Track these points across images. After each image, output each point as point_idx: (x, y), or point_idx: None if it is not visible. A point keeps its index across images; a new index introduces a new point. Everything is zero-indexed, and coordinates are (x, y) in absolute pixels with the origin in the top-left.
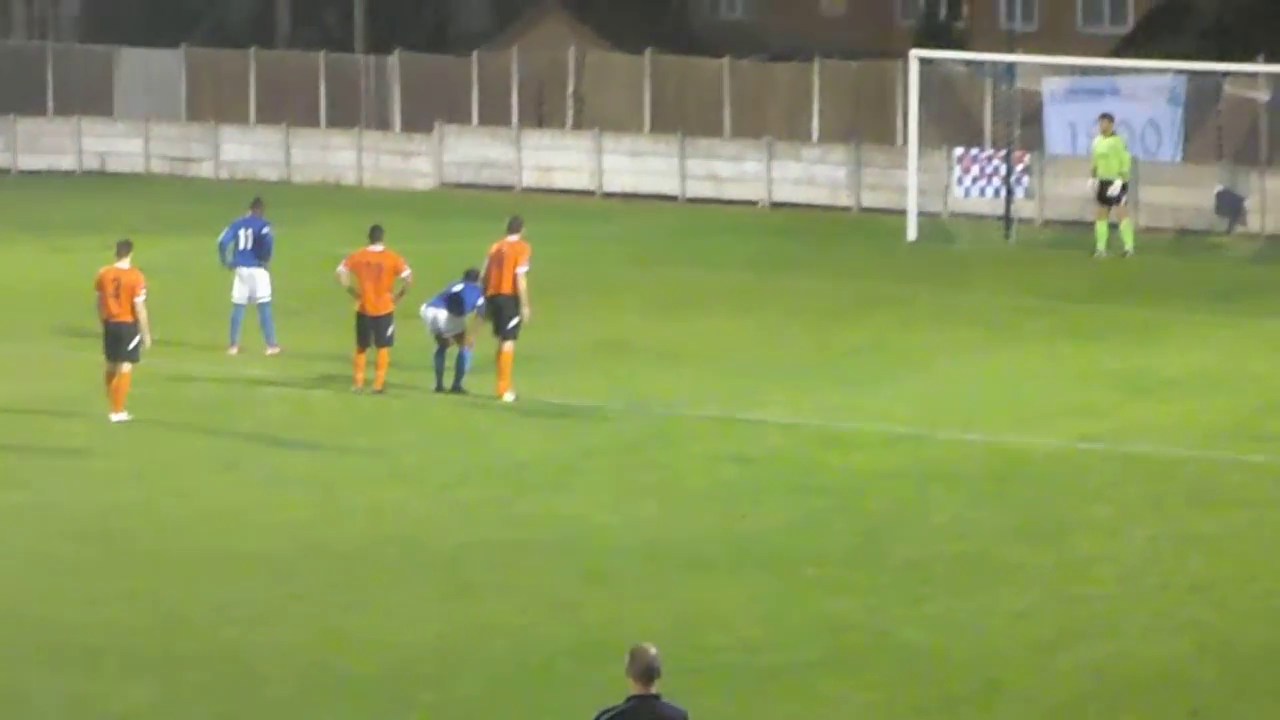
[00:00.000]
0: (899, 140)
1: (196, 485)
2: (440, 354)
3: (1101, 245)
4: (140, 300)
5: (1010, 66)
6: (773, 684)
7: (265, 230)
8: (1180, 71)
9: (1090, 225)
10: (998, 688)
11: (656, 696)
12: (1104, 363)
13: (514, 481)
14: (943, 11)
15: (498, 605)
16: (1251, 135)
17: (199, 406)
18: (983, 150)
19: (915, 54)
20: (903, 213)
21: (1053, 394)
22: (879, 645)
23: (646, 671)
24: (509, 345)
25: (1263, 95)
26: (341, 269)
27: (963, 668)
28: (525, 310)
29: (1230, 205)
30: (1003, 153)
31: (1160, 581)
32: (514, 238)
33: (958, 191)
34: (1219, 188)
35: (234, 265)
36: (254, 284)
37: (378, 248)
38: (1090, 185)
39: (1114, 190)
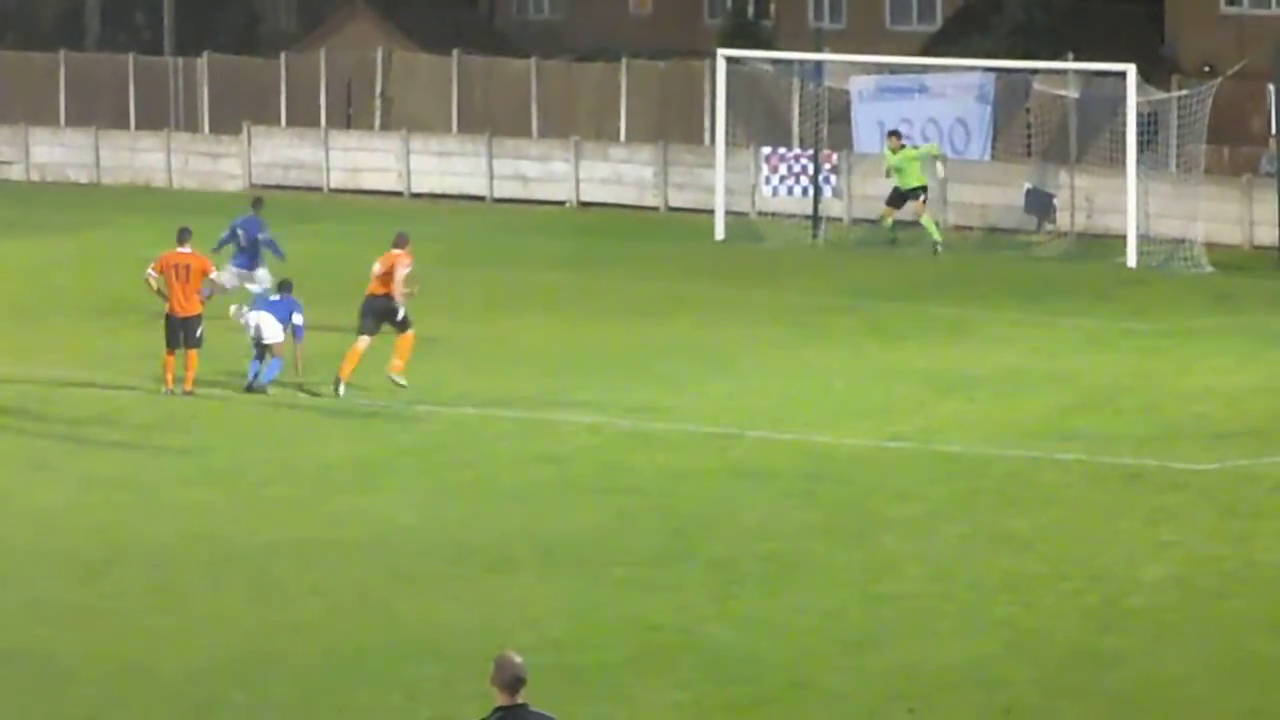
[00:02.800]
0: (706, 140)
1: (7, 486)
2: (259, 359)
3: (937, 236)
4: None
5: (818, 65)
6: (581, 684)
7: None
8: (989, 69)
9: (915, 224)
10: (807, 687)
11: (524, 705)
12: (913, 361)
13: (323, 481)
14: (750, 10)
15: (307, 605)
16: (1060, 133)
17: (8, 408)
18: (790, 149)
19: (722, 53)
20: (710, 212)
21: (861, 393)
22: (688, 644)
23: (513, 681)
24: (409, 332)
25: (1072, 93)
26: (150, 271)
27: (772, 667)
28: (404, 290)
29: (1039, 203)
30: (810, 152)
31: (970, 580)
32: (398, 251)
33: (765, 191)
34: (1028, 186)
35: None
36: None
37: (186, 249)
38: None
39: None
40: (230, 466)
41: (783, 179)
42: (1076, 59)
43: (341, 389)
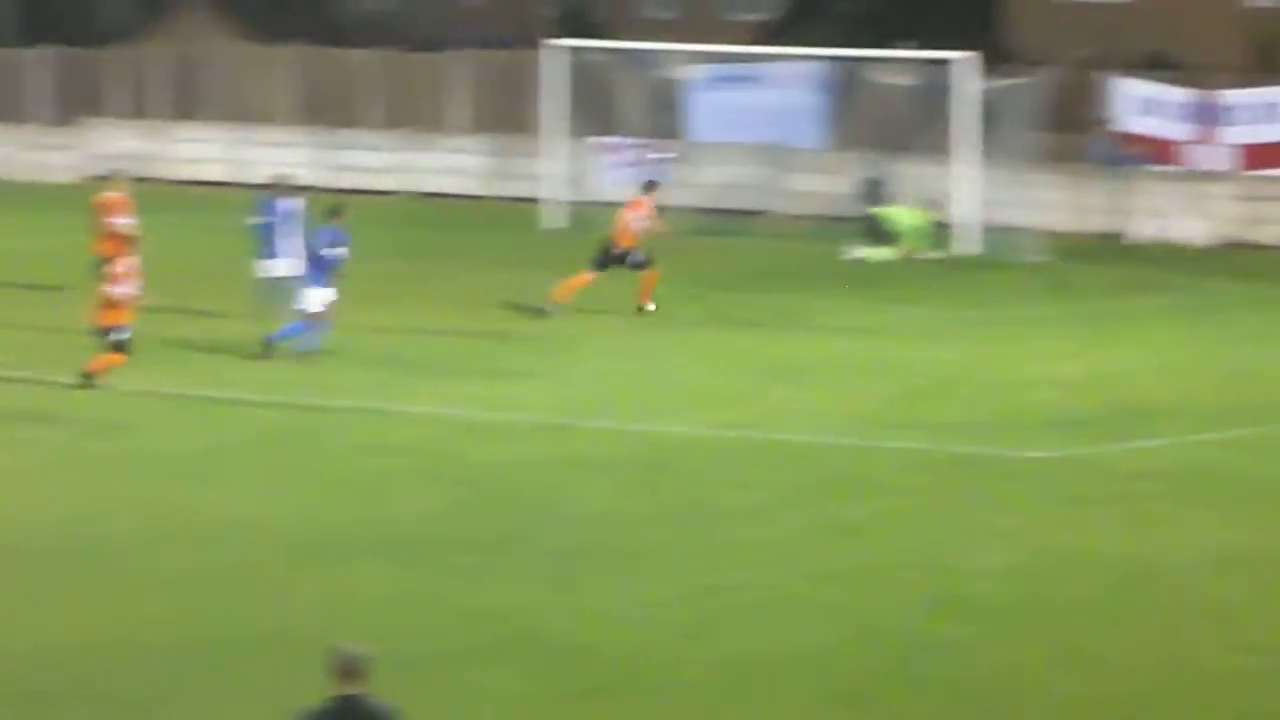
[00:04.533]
0: (539, 129)
1: None
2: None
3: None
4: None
5: (652, 54)
6: (417, 674)
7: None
8: (825, 58)
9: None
10: (645, 676)
11: (362, 695)
12: (751, 350)
13: (159, 472)
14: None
15: (148, 596)
16: (897, 122)
17: None
18: (624, 139)
19: (554, 43)
20: (542, 201)
21: (700, 381)
22: (524, 635)
23: (351, 670)
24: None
25: (909, 81)
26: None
27: (608, 657)
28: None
29: (875, 192)
30: (644, 141)
31: (808, 569)
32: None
33: (600, 180)
34: (865, 175)
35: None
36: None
37: None
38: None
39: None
40: (64, 457)
41: (617, 168)
42: (913, 48)
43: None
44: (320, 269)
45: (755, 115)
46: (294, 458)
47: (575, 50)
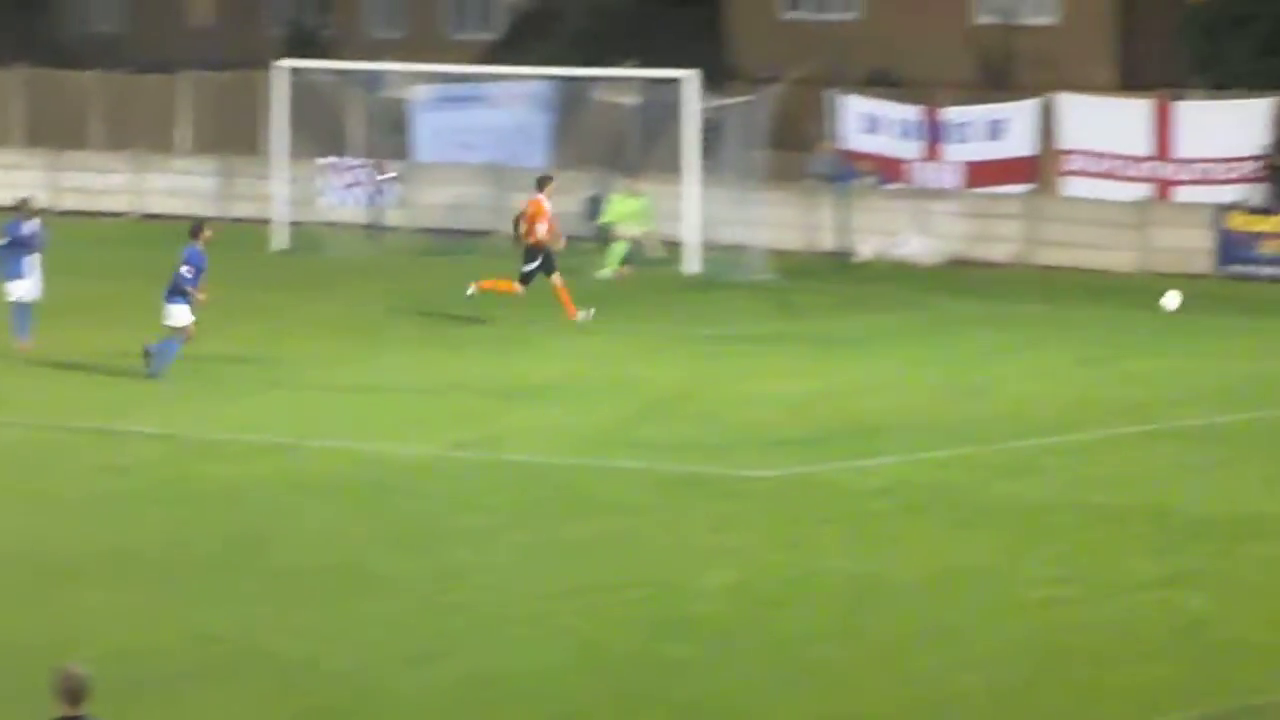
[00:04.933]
0: (267, 150)
1: None
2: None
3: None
4: None
5: (378, 74)
6: (141, 695)
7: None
8: (549, 78)
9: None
10: (372, 696)
11: (85, 717)
12: (477, 370)
13: None
14: (310, 20)
15: None
16: (623, 141)
17: None
18: (351, 159)
19: (282, 63)
20: (271, 223)
21: (426, 402)
22: (249, 655)
23: (74, 691)
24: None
25: (634, 100)
26: None
27: (335, 678)
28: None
29: (597, 210)
30: (371, 161)
31: (535, 589)
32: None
33: (327, 200)
34: (589, 194)
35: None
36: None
37: None
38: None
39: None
40: None
41: (344, 189)
42: (638, 66)
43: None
44: (177, 287)
45: (480, 135)
46: (20, 477)
47: (302, 71)
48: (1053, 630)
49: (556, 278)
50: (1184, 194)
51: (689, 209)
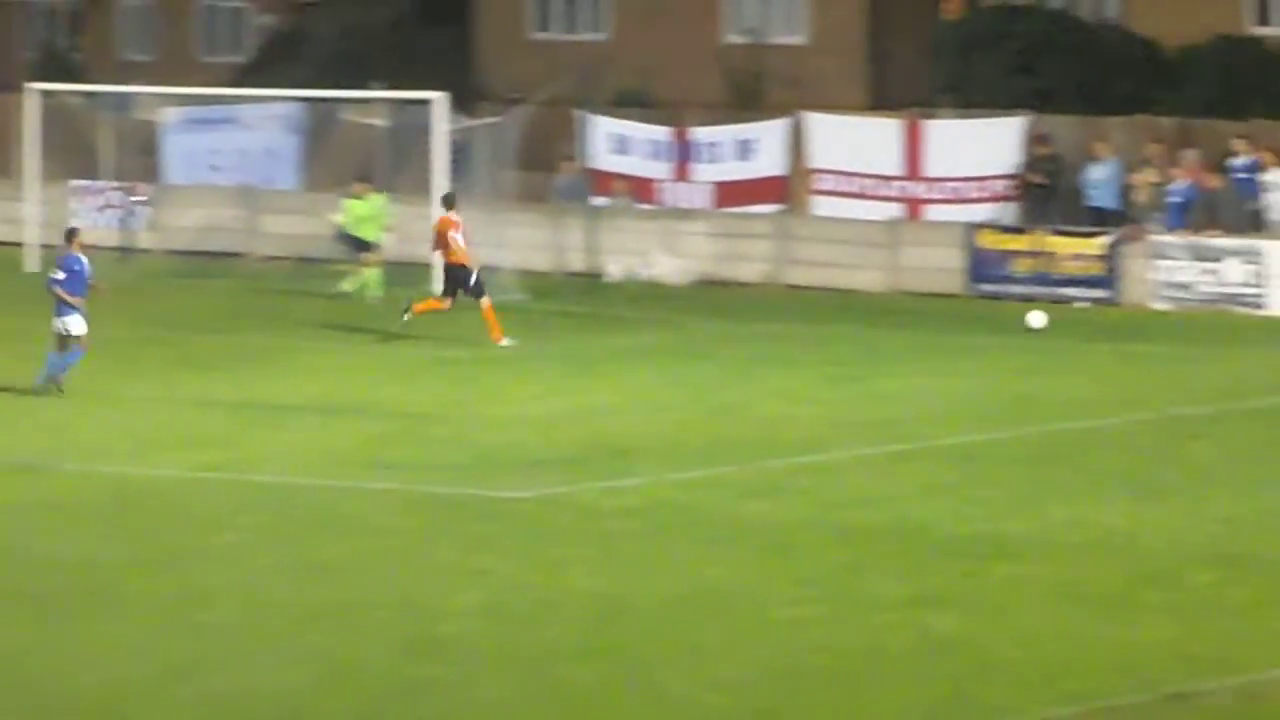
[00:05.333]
0: (20, 173)
1: None
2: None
3: (379, 292)
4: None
5: (128, 96)
6: None
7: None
8: (298, 99)
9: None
10: (118, 718)
11: None
12: (225, 392)
13: None
14: (61, 42)
15: None
16: (371, 162)
17: None
18: (103, 182)
19: (33, 86)
20: (24, 245)
21: (174, 424)
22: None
23: None
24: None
25: (383, 122)
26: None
27: (82, 697)
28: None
29: (349, 234)
30: (120, 184)
31: (284, 610)
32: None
33: (79, 223)
34: (337, 216)
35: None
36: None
37: None
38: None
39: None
40: None
41: (94, 211)
42: (387, 87)
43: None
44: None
45: (230, 157)
46: None
47: (53, 93)
48: (801, 650)
49: (450, 302)
50: (934, 213)
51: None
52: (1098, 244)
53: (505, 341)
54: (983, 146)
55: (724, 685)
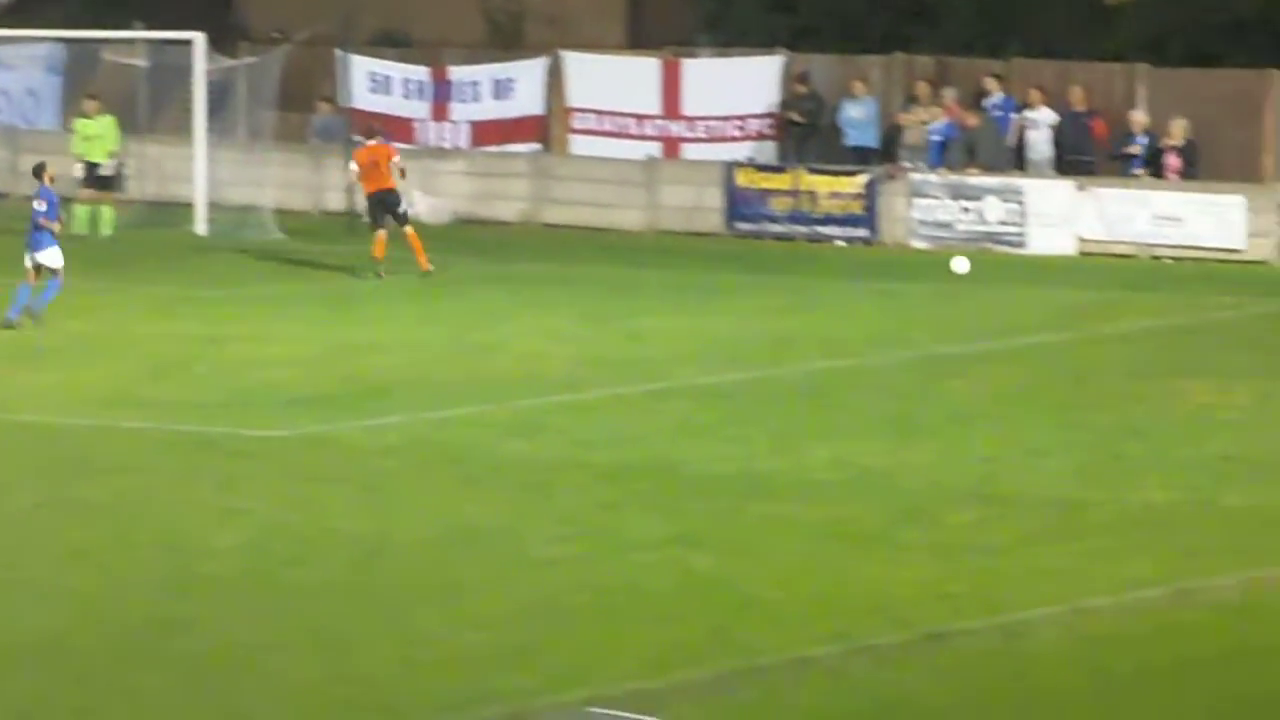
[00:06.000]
0: None
1: None
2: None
3: (84, 228)
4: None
5: None
6: None
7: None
8: (58, 39)
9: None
10: None
11: None
12: None
13: None
14: None
15: None
16: (131, 102)
17: None
18: None
19: None
20: None
21: None
22: None
23: None
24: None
25: (142, 62)
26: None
27: None
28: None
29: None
30: None
31: (42, 550)
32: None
33: None
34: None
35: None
36: None
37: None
38: (77, 169)
39: (106, 171)
40: None
41: None
42: (147, 27)
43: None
44: (39, 227)
45: None
46: None
47: None
48: (560, 589)
49: (383, 233)
50: (693, 152)
51: (197, 170)
52: (856, 183)
53: (431, 268)
54: (741, 85)
55: (483, 623)
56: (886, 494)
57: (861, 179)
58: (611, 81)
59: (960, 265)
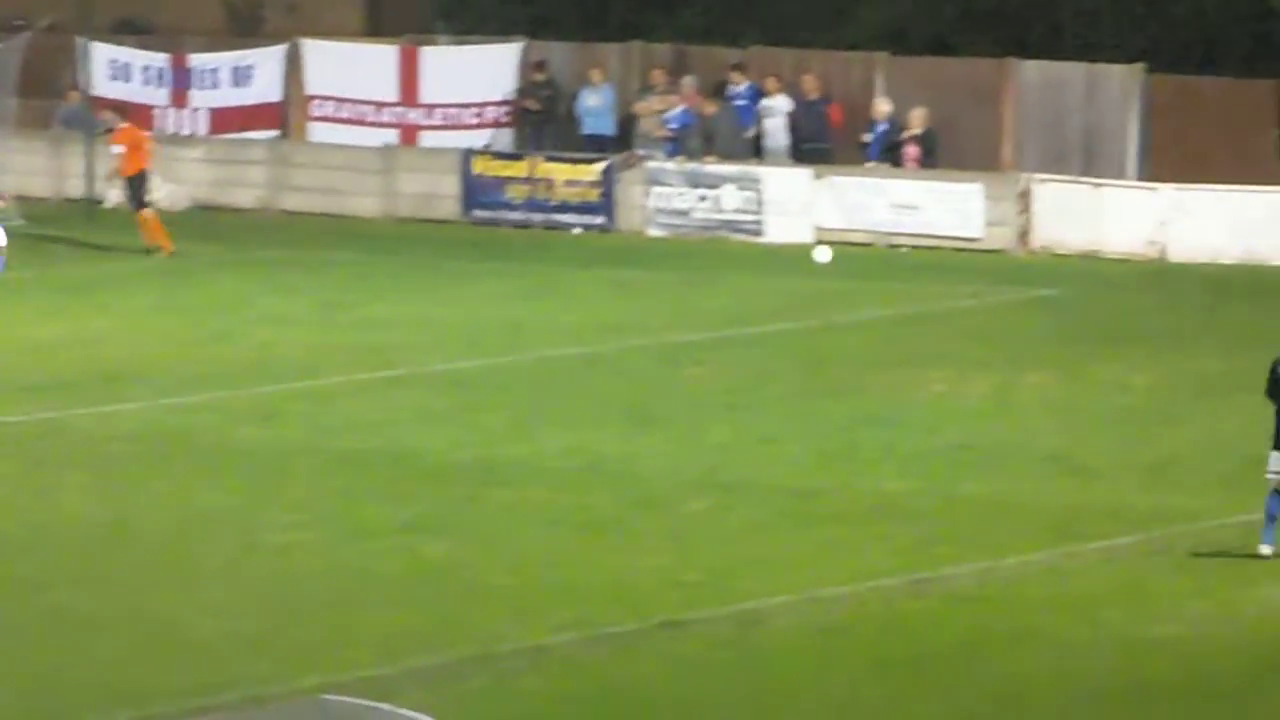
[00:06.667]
0: None
1: None
2: None
3: None
4: None
5: None
6: None
7: None
8: None
9: None
10: None
11: None
12: None
13: None
14: None
15: None
16: None
17: None
18: None
19: None
20: None
21: None
22: None
23: None
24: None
25: None
26: None
27: None
28: None
29: None
30: None
31: None
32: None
33: None
34: None
35: None
36: None
37: None
38: None
39: None
40: None
41: None
42: None
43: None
44: None
45: None
46: None
47: None
48: (294, 576)
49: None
50: (431, 139)
51: None
52: (593, 171)
53: (174, 249)
54: (478, 73)
55: (218, 610)
56: (622, 482)
57: (598, 167)
58: (350, 69)
59: (822, 255)
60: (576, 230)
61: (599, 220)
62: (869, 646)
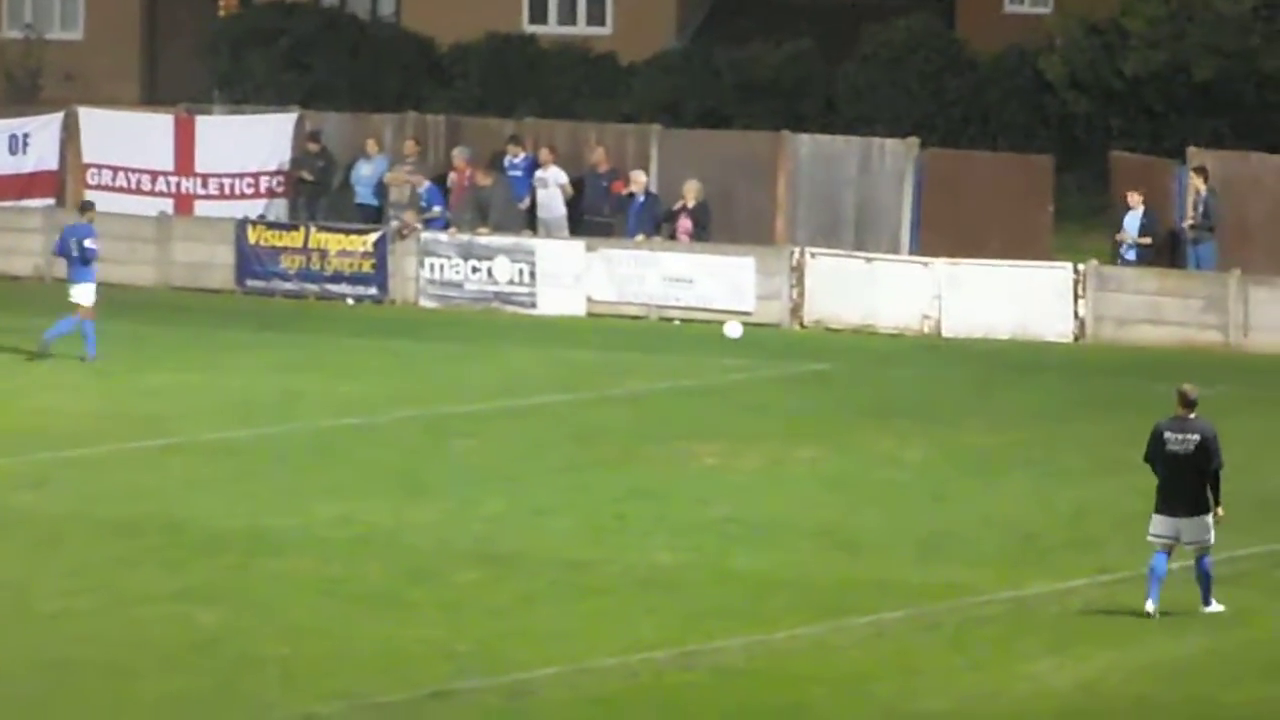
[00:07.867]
0: None
1: None
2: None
3: None
4: None
5: None
6: None
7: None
8: None
9: None
10: None
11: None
12: None
13: None
14: None
15: None
16: None
17: None
18: None
19: None
20: None
21: None
22: None
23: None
24: None
25: None
26: None
27: None
28: None
29: None
30: None
31: None
32: None
33: None
34: None
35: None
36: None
37: None
38: None
39: None
40: None
41: None
42: None
43: None
44: (84, 264)
45: None
46: None
47: None
48: (67, 643)
49: None
50: (205, 208)
51: None
52: (366, 241)
53: None
54: (254, 143)
55: None
56: (393, 552)
57: (371, 238)
58: (126, 138)
59: (733, 330)
60: (350, 301)
61: (372, 291)
62: (638, 719)
